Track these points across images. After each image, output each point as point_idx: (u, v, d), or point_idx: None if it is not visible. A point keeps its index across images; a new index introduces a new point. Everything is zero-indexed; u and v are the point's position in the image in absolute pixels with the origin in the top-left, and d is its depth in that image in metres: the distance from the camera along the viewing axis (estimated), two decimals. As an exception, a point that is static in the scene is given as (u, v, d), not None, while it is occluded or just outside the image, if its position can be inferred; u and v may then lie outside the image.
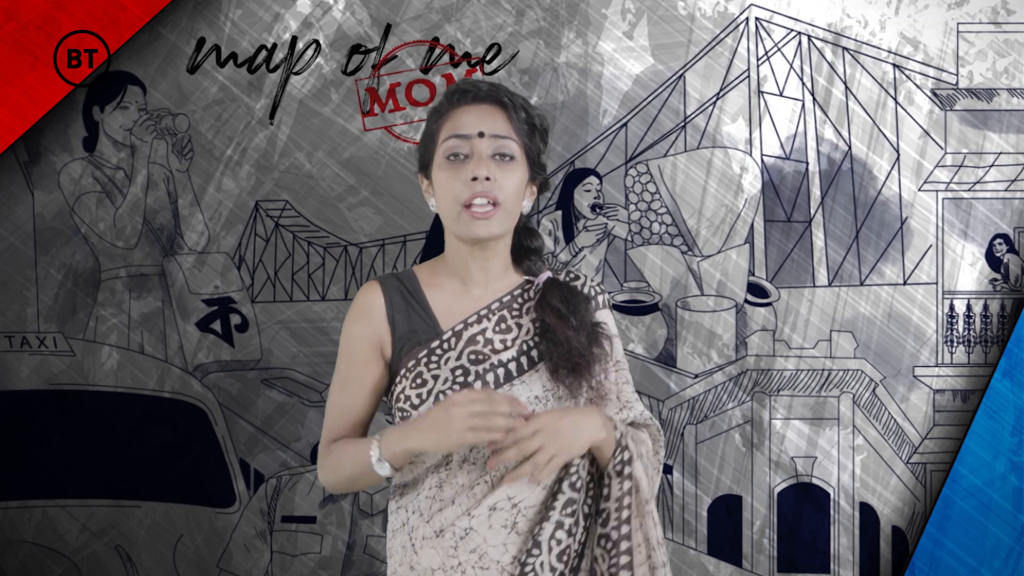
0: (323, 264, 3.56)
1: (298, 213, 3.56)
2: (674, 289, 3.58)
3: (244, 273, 3.58)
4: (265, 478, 3.57)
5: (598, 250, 3.59)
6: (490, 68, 3.52)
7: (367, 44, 3.52)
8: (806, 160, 3.57)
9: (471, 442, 1.92)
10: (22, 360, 3.55)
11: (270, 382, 3.57)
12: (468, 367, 2.01)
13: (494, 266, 2.09)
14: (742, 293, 3.57)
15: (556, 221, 3.59)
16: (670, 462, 3.57)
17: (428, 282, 2.10)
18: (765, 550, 3.55)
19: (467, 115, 2.04)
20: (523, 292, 2.11)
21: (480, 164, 2.00)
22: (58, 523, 3.55)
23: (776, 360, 3.55)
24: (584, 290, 2.12)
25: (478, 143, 2.02)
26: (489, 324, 2.06)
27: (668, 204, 3.58)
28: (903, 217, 3.55)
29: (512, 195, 2.03)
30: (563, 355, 2.01)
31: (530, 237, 2.15)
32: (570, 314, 2.03)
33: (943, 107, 3.54)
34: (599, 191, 3.58)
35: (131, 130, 3.57)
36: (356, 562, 3.57)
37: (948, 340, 3.54)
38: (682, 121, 3.56)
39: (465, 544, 1.98)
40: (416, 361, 2.03)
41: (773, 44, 3.57)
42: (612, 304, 3.55)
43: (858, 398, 3.54)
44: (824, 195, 3.56)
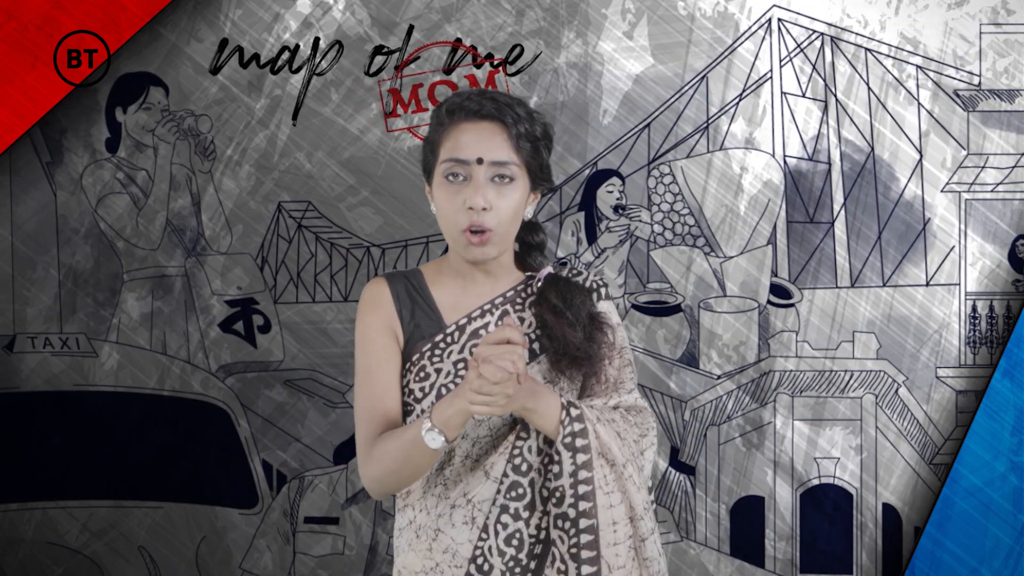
0: (345, 265, 3.56)
1: (320, 214, 3.56)
2: (697, 290, 3.57)
3: (267, 274, 3.59)
4: (288, 479, 3.57)
5: (621, 251, 3.59)
6: (513, 69, 3.52)
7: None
8: (828, 161, 3.56)
9: (480, 413, 1.87)
10: (45, 361, 3.55)
11: (293, 383, 3.56)
12: (470, 360, 2.01)
13: (495, 268, 2.10)
14: (765, 294, 3.57)
15: (579, 222, 3.59)
16: (692, 463, 3.57)
17: (433, 279, 2.12)
18: (787, 551, 3.55)
19: (466, 135, 2.02)
20: (526, 287, 2.12)
21: (477, 192, 1.99)
22: (81, 523, 3.55)
23: (798, 361, 3.55)
24: (586, 284, 2.13)
25: (476, 169, 2.01)
26: (492, 318, 2.08)
27: (691, 205, 3.58)
28: (926, 218, 3.54)
29: (509, 217, 2.03)
30: (560, 351, 2.02)
31: (533, 233, 2.16)
32: (566, 309, 2.04)
33: (966, 108, 3.54)
34: (622, 192, 3.58)
35: (154, 131, 3.57)
36: (378, 563, 3.57)
37: (971, 341, 3.54)
38: (705, 122, 3.56)
39: (438, 545, 2.00)
40: (420, 355, 2.05)
41: (796, 45, 3.57)
42: (634, 305, 3.58)
43: (881, 399, 3.54)
44: (847, 196, 3.56)
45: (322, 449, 3.56)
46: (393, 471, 1.99)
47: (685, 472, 3.57)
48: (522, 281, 2.13)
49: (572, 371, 2.03)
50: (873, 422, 3.54)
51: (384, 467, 2.00)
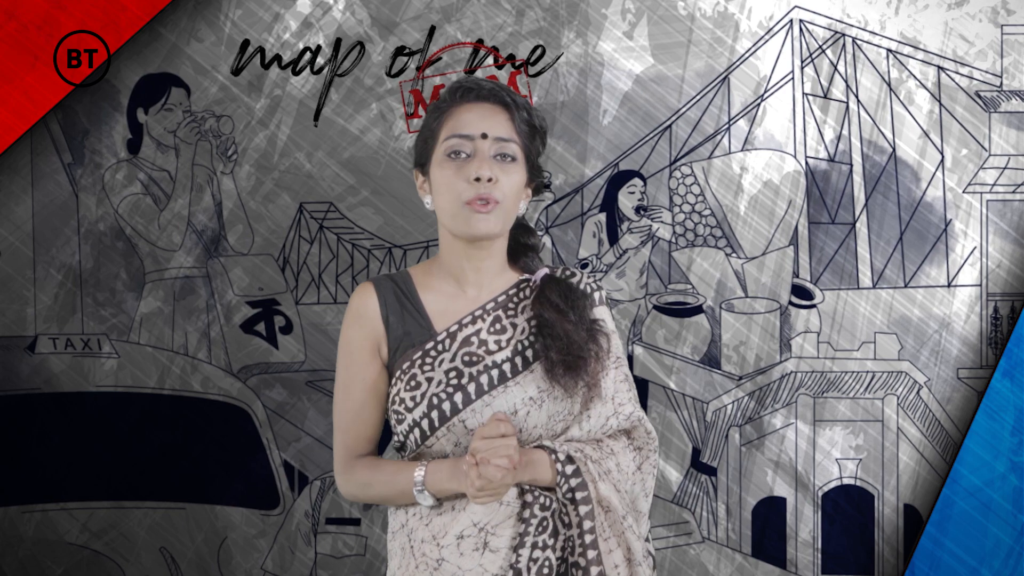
0: (367, 266, 3.56)
1: (342, 215, 3.56)
2: (718, 291, 3.57)
3: (288, 275, 3.59)
4: (309, 480, 3.57)
5: (642, 252, 3.59)
6: (535, 70, 3.52)
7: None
8: (850, 162, 3.56)
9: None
10: (65, 362, 3.56)
11: (314, 384, 3.56)
12: (462, 369, 2.01)
13: (489, 266, 2.08)
14: (786, 295, 3.57)
15: (600, 223, 3.59)
16: (713, 464, 3.57)
17: (422, 283, 2.09)
18: (808, 552, 3.55)
19: (470, 114, 2.03)
20: (519, 291, 2.10)
21: (483, 164, 1.99)
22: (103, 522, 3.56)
23: (820, 362, 3.55)
24: (580, 287, 2.12)
25: (481, 144, 2.01)
26: (484, 324, 2.05)
27: (712, 206, 3.58)
28: (947, 219, 3.54)
29: (512, 195, 2.02)
30: (562, 350, 1.99)
31: (526, 234, 2.15)
32: (569, 309, 2.03)
33: (987, 109, 3.53)
34: (643, 193, 3.58)
35: (175, 132, 3.57)
36: (399, 564, 3.57)
37: (992, 342, 3.53)
38: (727, 123, 3.55)
39: (440, 574, 1.98)
40: (410, 363, 2.03)
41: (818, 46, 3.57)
42: (655, 305, 3.58)
43: (902, 400, 3.54)
44: (868, 197, 3.56)
45: (344, 450, 3.56)
46: (374, 500, 2.08)
47: (706, 473, 3.57)
48: (514, 285, 2.11)
49: (567, 379, 2.00)
50: (895, 423, 3.54)
51: (366, 496, 2.08)
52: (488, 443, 1.88)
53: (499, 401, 2.00)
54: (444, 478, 1.97)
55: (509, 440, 1.88)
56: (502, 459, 1.86)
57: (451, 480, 1.96)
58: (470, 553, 1.97)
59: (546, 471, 1.98)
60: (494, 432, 1.89)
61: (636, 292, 3.58)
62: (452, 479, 1.96)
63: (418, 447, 2.04)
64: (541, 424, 2.02)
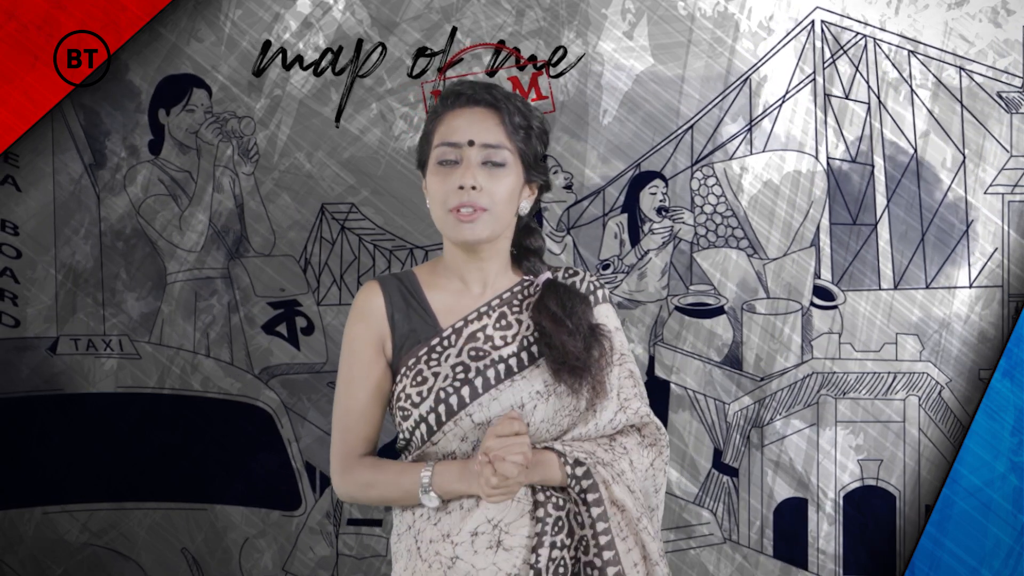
0: (388, 267, 3.56)
1: (363, 216, 3.56)
2: (740, 292, 3.58)
3: (310, 276, 3.59)
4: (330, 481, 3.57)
5: (664, 253, 3.59)
6: (556, 71, 3.52)
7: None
8: (871, 163, 3.56)
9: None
10: (88, 363, 3.56)
11: (335, 384, 3.56)
12: (468, 363, 2.01)
13: (490, 268, 2.08)
14: (808, 296, 3.57)
15: (622, 224, 3.59)
16: (735, 464, 3.57)
17: (427, 282, 2.10)
18: (830, 553, 3.55)
19: (459, 120, 2.03)
20: (523, 288, 2.11)
21: (468, 173, 1.99)
22: (120, 523, 3.56)
23: (842, 363, 3.55)
24: (582, 287, 2.12)
25: (468, 151, 2.01)
26: (489, 321, 2.06)
27: (734, 207, 3.58)
28: (969, 220, 3.54)
29: (502, 200, 2.02)
30: (558, 359, 2.01)
31: (531, 237, 2.14)
32: (566, 317, 2.02)
33: (1008, 110, 3.53)
34: (665, 194, 3.58)
35: (196, 133, 3.57)
36: (420, 565, 3.57)
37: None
38: (748, 124, 3.56)
39: (453, 573, 1.97)
40: (416, 359, 2.03)
41: (839, 48, 3.57)
42: (677, 306, 3.58)
43: (924, 401, 3.54)
44: (889, 198, 3.56)
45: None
46: (374, 501, 2.07)
47: (728, 474, 3.57)
48: (518, 283, 2.11)
49: (572, 380, 2.01)
50: (916, 424, 3.54)
51: (366, 496, 2.07)
52: (502, 441, 1.89)
53: (506, 395, 2.00)
54: (453, 479, 1.97)
55: (523, 438, 1.89)
56: (517, 456, 1.88)
57: (460, 481, 1.96)
58: (484, 551, 1.97)
59: (555, 472, 1.99)
60: (508, 430, 1.90)
61: (658, 293, 3.58)
62: (462, 480, 1.96)
63: (423, 443, 2.03)
64: (548, 418, 2.03)
